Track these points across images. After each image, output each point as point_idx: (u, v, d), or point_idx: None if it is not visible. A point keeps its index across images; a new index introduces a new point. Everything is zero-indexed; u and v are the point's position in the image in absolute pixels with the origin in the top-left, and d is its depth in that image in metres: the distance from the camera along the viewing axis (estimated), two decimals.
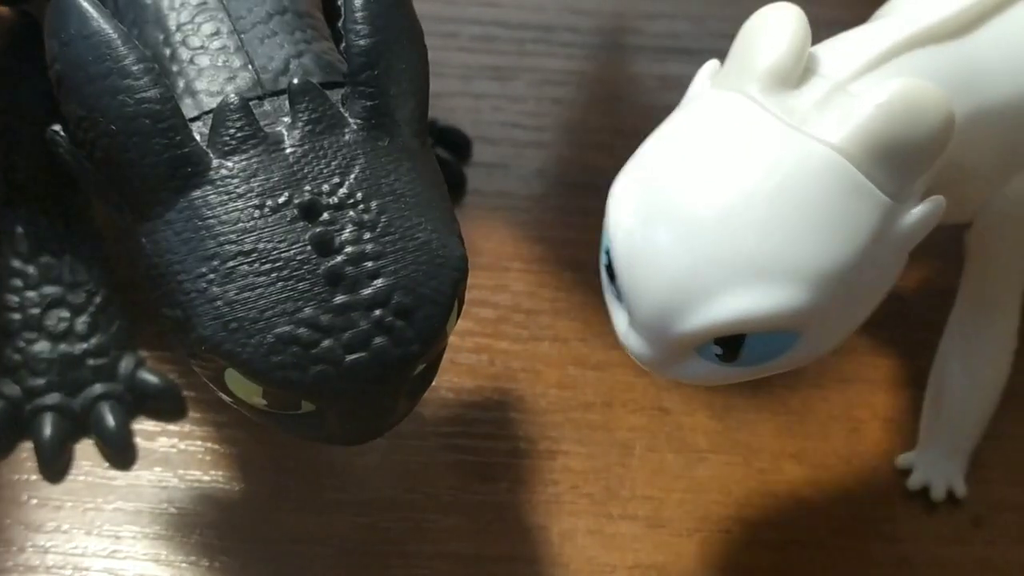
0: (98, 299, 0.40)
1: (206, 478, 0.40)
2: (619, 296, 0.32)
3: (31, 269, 0.40)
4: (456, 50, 0.51)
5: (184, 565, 0.38)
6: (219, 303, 0.30)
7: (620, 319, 0.33)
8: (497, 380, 0.42)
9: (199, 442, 0.40)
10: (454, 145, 0.47)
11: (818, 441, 0.41)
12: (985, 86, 0.35)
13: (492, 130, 0.48)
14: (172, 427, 0.40)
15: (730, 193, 0.31)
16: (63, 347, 0.40)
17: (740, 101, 0.32)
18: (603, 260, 0.33)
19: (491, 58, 0.51)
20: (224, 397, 0.32)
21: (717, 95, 0.33)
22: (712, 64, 0.34)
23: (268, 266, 0.30)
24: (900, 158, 0.31)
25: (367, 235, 0.31)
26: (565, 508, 0.40)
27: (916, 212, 0.32)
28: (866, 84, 0.32)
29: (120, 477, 0.39)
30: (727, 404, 0.42)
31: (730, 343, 0.31)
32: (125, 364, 0.40)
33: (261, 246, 0.31)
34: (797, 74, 0.32)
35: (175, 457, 0.40)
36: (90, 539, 0.38)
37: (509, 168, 0.47)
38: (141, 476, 0.39)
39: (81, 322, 0.40)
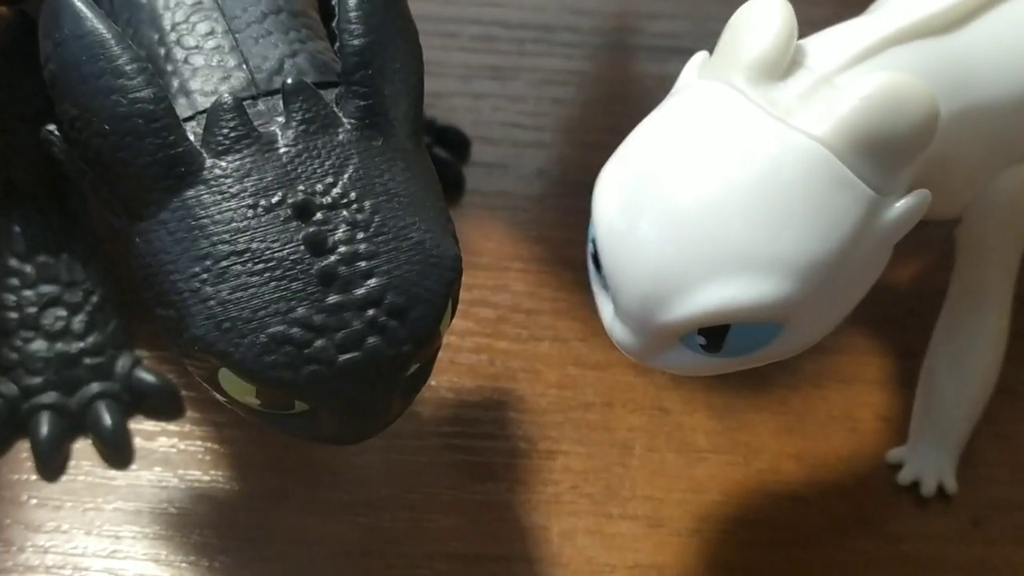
0: (95, 298, 0.40)
1: (206, 478, 0.40)
2: (605, 286, 0.32)
3: (28, 268, 0.40)
4: (456, 50, 0.51)
5: (184, 565, 0.38)
6: (212, 303, 0.30)
7: (606, 308, 0.33)
8: (497, 380, 0.42)
9: (199, 442, 0.40)
10: (453, 144, 0.47)
11: (818, 441, 0.41)
12: (974, 82, 0.35)
13: (492, 130, 0.48)
14: (171, 427, 0.40)
15: (713, 184, 0.31)
16: (60, 346, 0.40)
17: (725, 92, 0.32)
18: (590, 249, 0.33)
19: (491, 58, 0.51)
20: (218, 397, 0.32)
21: (703, 86, 0.33)
22: (701, 55, 0.34)
23: (261, 266, 0.30)
24: (884, 151, 0.31)
25: (360, 235, 0.31)
26: (565, 508, 0.40)
27: (901, 205, 0.32)
28: (852, 77, 0.32)
29: (120, 477, 0.39)
30: (727, 404, 0.42)
31: (714, 333, 0.31)
32: (122, 363, 0.40)
33: (254, 246, 0.30)
34: (783, 66, 0.32)
35: (175, 457, 0.40)
36: (90, 539, 0.38)
37: (509, 168, 0.47)
38: (141, 476, 0.40)
39: (78, 321, 0.40)
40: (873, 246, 0.32)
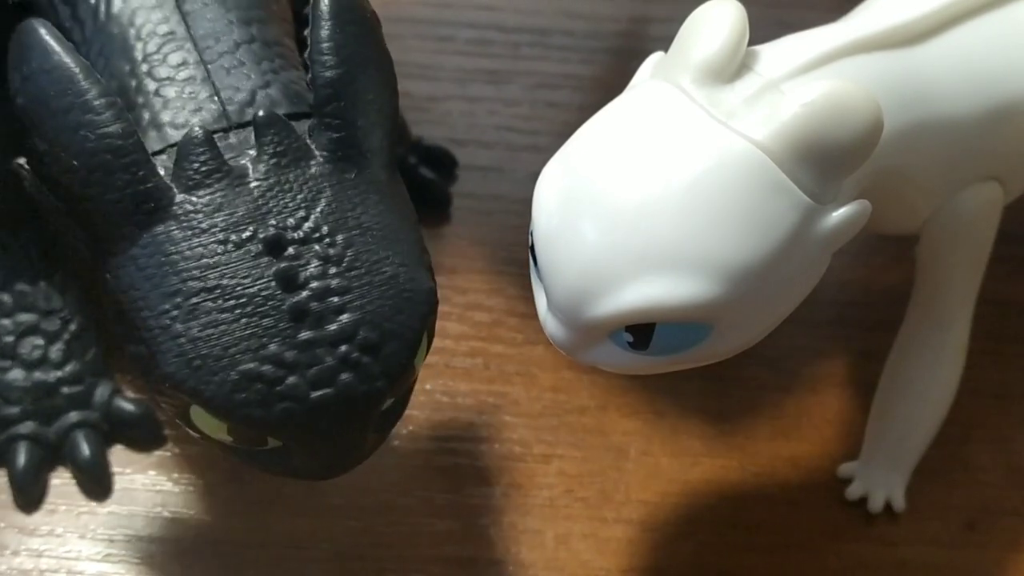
0: (73, 326, 0.40)
1: (200, 481, 0.40)
2: (541, 279, 0.32)
3: (5, 297, 0.39)
4: (451, 53, 0.51)
5: (178, 569, 0.38)
6: (182, 340, 0.30)
7: (541, 301, 0.33)
8: (492, 384, 0.42)
9: (193, 446, 0.40)
10: (439, 164, 0.47)
11: (813, 445, 0.41)
12: (933, 97, 0.34)
13: (486, 134, 0.48)
14: (168, 429, 0.40)
15: (649, 182, 0.30)
16: (37, 375, 0.39)
17: (671, 92, 0.32)
18: (529, 242, 0.33)
19: (486, 61, 0.51)
20: (191, 432, 0.32)
21: (651, 85, 0.32)
22: (657, 55, 0.33)
23: (232, 302, 0.30)
24: (823, 159, 0.31)
25: (333, 270, 0.30)
26: (560, 512, 0.40)
27: (838, 214, 0.31)
28: (800, 84, 0.31)
29: (114, 480, 0.39)
30: (722, 408, 0.42)
31: (641, 331, 0.31)
32: (100, 392, 0.40)
33: (225, 282, 0.30)
34: (731, 69, 0.32)
35: (169, 461, 0.40)
36: (84, 543, 0.38)
37: (503, 172, 0.47)
38: (135, 480, 0.40)
39: (56, 350, 0.39)
40: (808, 254, 0.31)
